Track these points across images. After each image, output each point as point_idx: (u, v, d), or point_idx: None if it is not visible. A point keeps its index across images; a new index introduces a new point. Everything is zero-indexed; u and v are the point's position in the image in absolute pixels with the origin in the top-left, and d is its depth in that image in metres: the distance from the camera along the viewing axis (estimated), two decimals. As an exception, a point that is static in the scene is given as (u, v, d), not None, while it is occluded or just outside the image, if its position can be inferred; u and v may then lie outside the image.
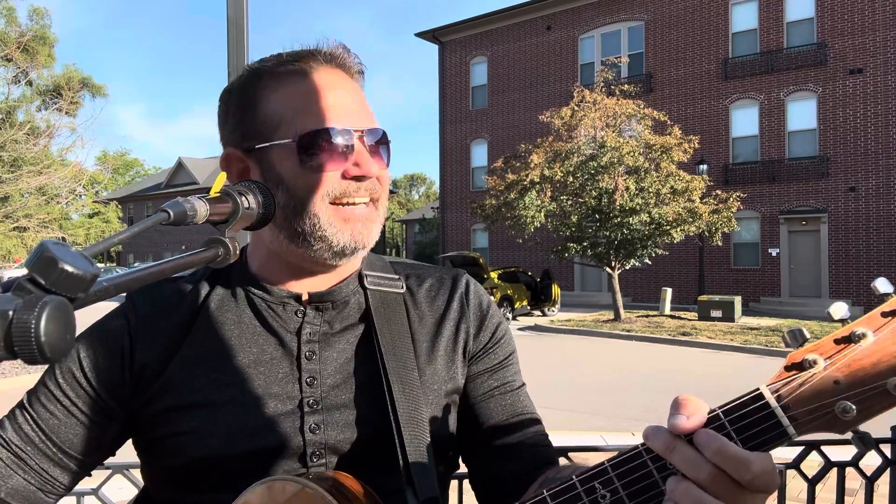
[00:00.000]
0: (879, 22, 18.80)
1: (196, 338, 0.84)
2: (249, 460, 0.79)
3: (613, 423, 7.04)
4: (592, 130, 15.96)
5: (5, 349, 0.41)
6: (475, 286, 0.98)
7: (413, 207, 62.54)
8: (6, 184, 24.39)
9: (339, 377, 0.85)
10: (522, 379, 0.98)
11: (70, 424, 0.80)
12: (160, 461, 0.82)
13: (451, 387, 0.90)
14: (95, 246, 0.51)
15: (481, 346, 0.94)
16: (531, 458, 0.90)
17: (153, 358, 0.83)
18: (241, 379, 0.82)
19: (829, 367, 0.59)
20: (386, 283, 0.92)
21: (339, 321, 0.88)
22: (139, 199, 47.49)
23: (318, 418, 0.82)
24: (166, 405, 0.81)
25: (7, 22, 25.22)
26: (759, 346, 12.29)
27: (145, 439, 0.84)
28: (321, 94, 0.83)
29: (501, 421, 0.91)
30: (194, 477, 0.80)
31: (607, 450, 1.69)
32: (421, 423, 0.83)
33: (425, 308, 0.93)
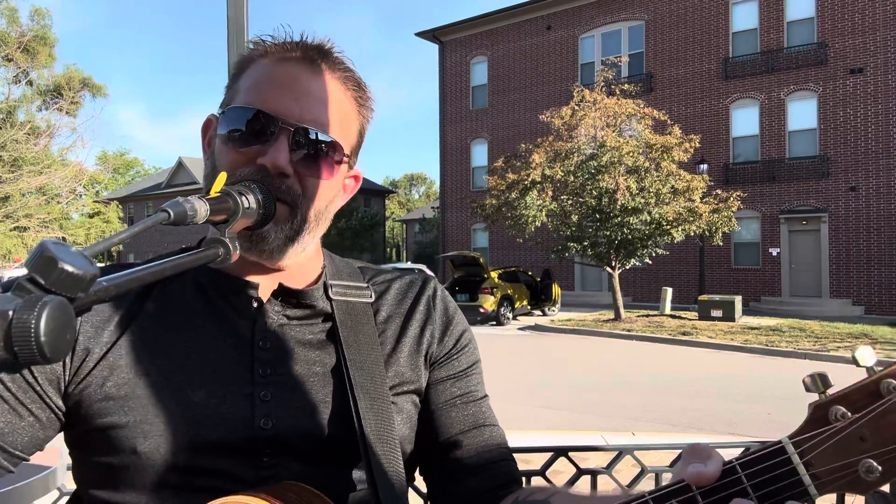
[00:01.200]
0: (880, 21, 18.79)
1: (143, 323, 0.80)
2: (195, 454, 0.74)
3: (614, 422, 7.04)
4: (593, 130, 15.95)
5: (5, 349, 0.41)
6: (443, 292, 0.96)
7: (413, 207, 62.55)
8: (7, 183, 24.40)
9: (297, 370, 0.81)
10: (485, 391, 0.95)
11: (2, 411, 0.72)
12: (96, 457, 0.76)
13: (415, 388, 0.87)
14: (95, 246, 0.51)
15: (445, 352, 0.91)
16: (495, 473, 0.87)
17: (96, 342, 0.77)
18: (190, 367, 0.77)
19: (857, 421, 0.55)
20: (353, 293, 0.89)
21: (300, 319, 0.84)
22: (139, 199, 47.48)
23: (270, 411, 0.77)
24: (107, 394, 0.75)
25: (8, 22, 25.23)
26: (760, 345, 12.28)
27: (81, 431, 0.77)
28: (276, 79, 0.80)
29: (463, 431, 0.88)
30: (133, 474, 0.74)
31: (607, 449, 1.69)
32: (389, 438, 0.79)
33: (392, 310, 0.91)
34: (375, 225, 41.80)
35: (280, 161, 0.76)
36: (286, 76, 0.80)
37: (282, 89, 0.79)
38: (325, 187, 0.82)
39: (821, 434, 0.56)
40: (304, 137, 0.78)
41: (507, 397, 8.12)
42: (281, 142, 0.77)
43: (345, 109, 0.84)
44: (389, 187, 62.32)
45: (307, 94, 0.80)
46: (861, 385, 0.56)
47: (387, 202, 54.37)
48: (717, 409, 7.62)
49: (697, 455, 0.57)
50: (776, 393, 8.45)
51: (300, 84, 0.80)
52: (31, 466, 1.71)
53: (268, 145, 0.77)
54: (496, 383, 8.78)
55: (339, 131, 0.82)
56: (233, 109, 0.80)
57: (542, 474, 1.60)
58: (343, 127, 0.83)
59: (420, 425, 0.89)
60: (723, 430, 6.64)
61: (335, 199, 0.87)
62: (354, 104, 0.86)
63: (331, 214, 0.87)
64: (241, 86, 0.82)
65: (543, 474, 1.60)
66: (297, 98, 0.79)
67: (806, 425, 0.57)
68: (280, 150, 0.76)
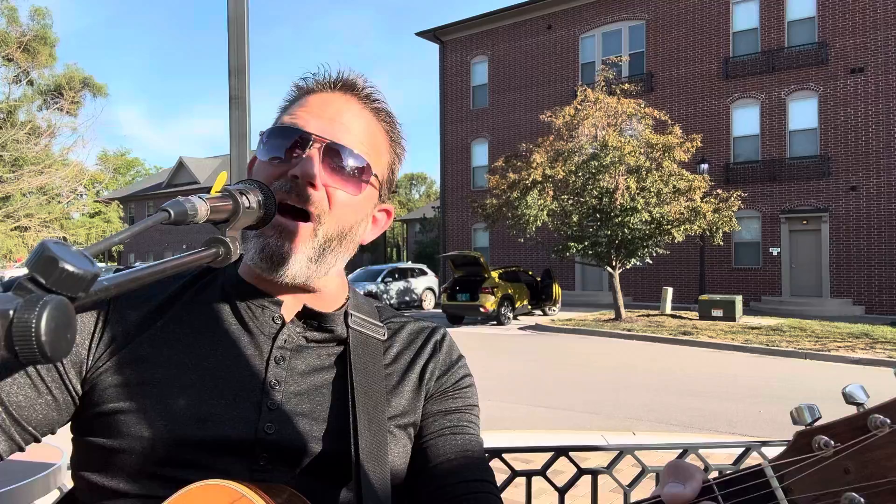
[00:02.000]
0: (881, 21, 18.78)
1: (171, 321, 0.84)
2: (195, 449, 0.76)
3: (614, 422, 7.04)
4: (594, 130, 15.95)
5: (6, 349, 0.41)
6: (450, 340, 1.00)
7: (414, 207, 62.56)
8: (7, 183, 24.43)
9: (304, 386, 0.84)
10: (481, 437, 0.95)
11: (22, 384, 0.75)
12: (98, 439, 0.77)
13: (412, 420, 0.90)
14: (96, 245, 0.51)
15: (442, 389, 0.94)
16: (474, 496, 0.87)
17: (123, 331, 0.81)
18: (207, 366, 0.81)
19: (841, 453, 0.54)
20: (369, 328, 0.92)
21: (318, 342, 0.88)
22: (140, 199, 47.51)
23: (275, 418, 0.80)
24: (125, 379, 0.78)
25: (8, 22, 25.25)
26: (760, 345, 12.28)
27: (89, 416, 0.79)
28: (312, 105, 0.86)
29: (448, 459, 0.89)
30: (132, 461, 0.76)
31: (608, 449, 1.69)
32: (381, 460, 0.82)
33: (402, 347, 0.95)
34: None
35: (310, 170, 0.80)
36: (321, 102, 0.86)
37: (317, 112, 0.85)
38: (352, 205, 0.85)
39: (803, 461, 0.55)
40: (334, 152, 0.83)
41: (507, 397, 8.12)
42: (313, 153, 0.81)
43: (376, 139, 0.89)
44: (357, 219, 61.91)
45: (340, 117, 0.85)
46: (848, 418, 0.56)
47: (387, 202, 54.25)
48: (717, 408, 7.62)
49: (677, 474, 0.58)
50: (777, 393, 8.45)
51: (334, 108, 0.86)
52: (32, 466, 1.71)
53: (300, 158, 0.81)
54: (497, 383, 8.77)
55: (370, 157, 0.86)
56: (271, 130, 0.85)
57: (543, 474, 1.60)
58: (373, 154, 0.87)
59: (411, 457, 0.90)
60: (723, 429, 6.64)
61: (361, 223, 0.89)
62: (386, 137, 0.91)
63: (357, 240, 0.90)
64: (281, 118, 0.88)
65: (544, 474, 1.60)
66: (331, 120, 0.84)
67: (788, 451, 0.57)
68: (311, 161, 0.81)
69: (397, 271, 23.33)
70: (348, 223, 0.86)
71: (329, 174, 0.82)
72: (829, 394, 8.00)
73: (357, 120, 0.86)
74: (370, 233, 0.93)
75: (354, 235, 0.88)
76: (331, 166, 0.82)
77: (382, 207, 0.94)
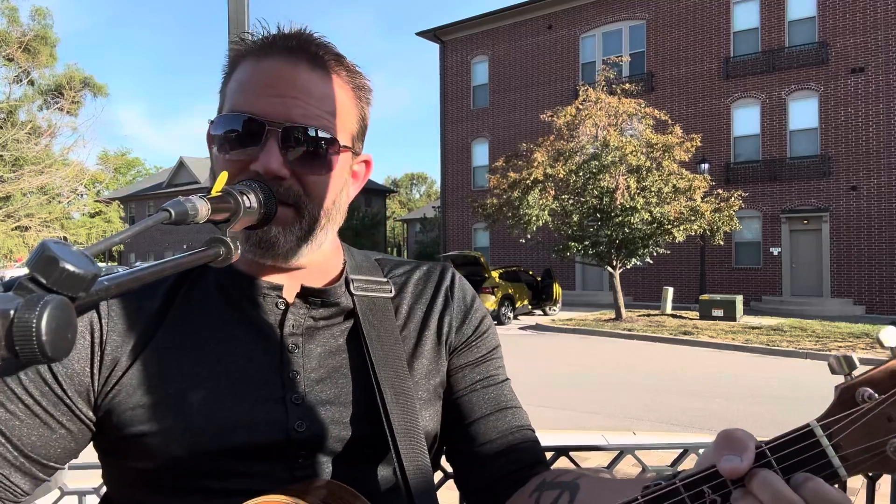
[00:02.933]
0: (881, 21, 18.77)
1: (169, 329, 0.79)
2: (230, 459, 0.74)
3: (614, 422, 7.04)
4: (595, 129, 15.95)
5: (6, 348, 0.41)
6: (460, 280, 0.96)
7: (414, 207, 62.53)
8: (8, 183, 24.43)
9: (324, 371, 0.81)
10: (507, 374, 0.95)
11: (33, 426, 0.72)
12: (130, 463, 0.76)
13: (438, 380, 0.88)
14: (97, 245, 0.51)
15: (464, 339, 0.91)
16: (521, 455, 0.87)
17: (123, 352, 0.77)
18: (220, 372, 0.77)
19: (884, 402, 0.55)
20: (374, 288, 0.88)
21: (325, 319, 0.84)
22: (141, 199, 47.49)
23: (303, 413, 0.77)
24: (138, 402, 0.74)
25: (9, 22, 25.26)
26: (761, 345, 12.28)
27: (113, 439, 0.76)
28: (258, 79, 0.77)
29: (486, 414, 0.88)
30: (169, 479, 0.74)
31: (608, 449, 1.69)
32: (415, 433, 0.80)
33: (413, 303, 0.91)
34: (376, 224, 41.81)
35: (272, 165, 0.74)
36: (268, 74, 0.77)
37: (265, 88, 0.76)
38: (328, 182, 0.79)
39: (848, 416, 0.56)
40: (294, 136, 0.75)
41: (507, 397, 8.12)
42: (271, 144, 0.74)
43: (337, 97, 0.80)
44: (391, 187, 62.33)
45: (292, 89, 0.76)
46: (886, 366, 0.57)
47: (387, 202, 54.37)
48: (717, 408, 7.62)
49: (732, 446, 0.56)
50: (777, 392, 8.44)
51: (283, 80, 0.76)
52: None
53: (258, 150, 0.74)
54: (497, 383, 8.76)
55: (333, 122, 0.79)
56: (220, 118, 0.78)
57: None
58: (339, 116, 0.80)
59: (444, 413, 0.89)
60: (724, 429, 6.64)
61: (343, 190, 0.84)
62: (347, 89, 0.82)
63: (344, 206, 0.85)
64: (228, 90, 0.80)
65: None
66: (282, 95, 0.75)
67: (833, 408, 0.58)
68: (271, 153, 0.74)
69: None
70: (330, 199, 0.80)
71: (295, 160, 0.75)
72: (829, 394, 8.02)
73: (312, 86, 0.77)
74: (354, 189, 0.88)
75: (341, 205, 0.84)
76: (294, 151, 0.75)
77: (360, 160, 0.88)
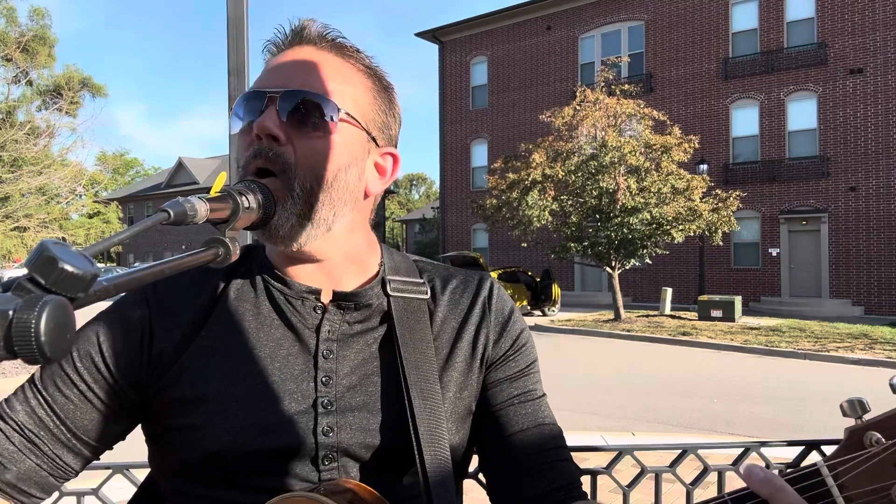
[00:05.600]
0: (880, 21, 18.80)
1: (213, 327, 0.82)
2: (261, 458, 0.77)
3: (613, 422, 7.04)
4: (594, 130, 15.96)
5: (5, 349, 0.41)
6: (499, 291, 0.94)
7: (413, 207, 62.55)
8: (6, 184, 24.42)
9: (356, 378, 0.83)
10: (543, 389, 0.94)
11: (86, 410, 0.78)
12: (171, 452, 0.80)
13: (468, 393, 0.87)
14: (95, 246, 0.51)
15: (501, 354, 0.90)
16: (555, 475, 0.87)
17: (171, 345, 0.81)
18: (257, 373, 0.80)
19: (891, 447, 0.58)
20: (410, 289, 0.89)
21: (360, 322, 0.85)
22: (139, 199, 47.48)
23: (332, 420, 0.80)
24: (180, 395, 0.79)
25: (7, 22, 25.24)
26: (760, 345, 12.29)
27: (157, 428, 0.81)
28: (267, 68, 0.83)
29: (523, 429, 0.88)
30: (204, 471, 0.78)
31: (607, 449, 1.69)
32: (441, 440, 0.81)
33: (448, 312, 0.90)
34: (376, 225, 41.10)
35: (267, 122, 0.76)
36: (276, 62, 0.83)
37: (272, 71, 0.82)
38: (324, 151, 0.78)
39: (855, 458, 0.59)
40: (289, 100, 0.78)
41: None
42: (269, 109, 0.78)
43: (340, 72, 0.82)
44: (391, 187, 62.12)
45: (292, 64, 0.81)
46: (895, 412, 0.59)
47: (387, 202, 54.39)
48: (716, 409, 7.62)
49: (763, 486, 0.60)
50: (776, 393, 8.45)
51: (289, 60, 0.82)
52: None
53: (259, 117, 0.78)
54: (496, 383, 8.75)
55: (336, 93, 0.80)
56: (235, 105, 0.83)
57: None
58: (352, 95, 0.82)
59: (479, 426, 0.89)
60: (722, 430, 6.64)
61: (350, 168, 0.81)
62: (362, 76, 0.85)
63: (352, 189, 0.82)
64: None
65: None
66: (282, 71, 0.81)
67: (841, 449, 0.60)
68: (268, 115, 0.77)
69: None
70: (330, 171, 0.79)
71: (290, 123, 0.77)
72: (828, 394, 8.00)
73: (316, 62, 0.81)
74: (377, 182, 0.86)
75: (346, 182, 0.81)
76: (289, 114, 0.77)
77: (384, 152, 0.86)
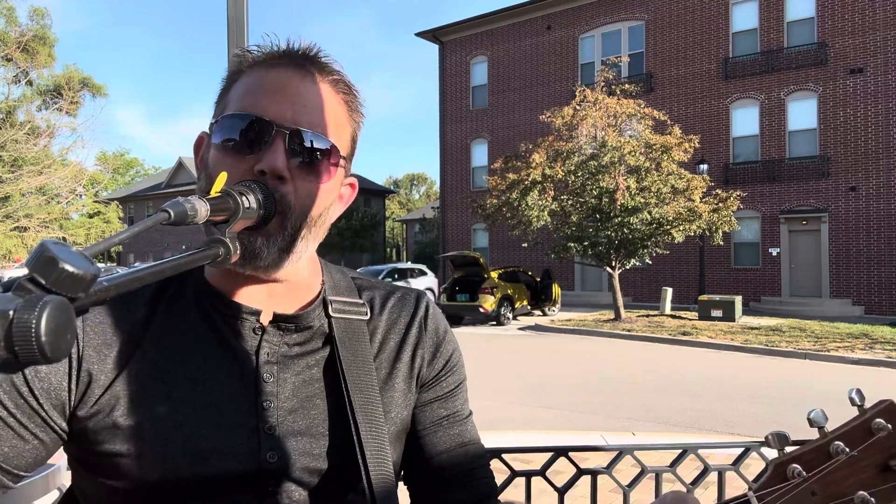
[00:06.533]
0: (880, 21, 18.79)
1: (148, 350, 0.78)
2: (201, 486, 0.75)
3: (613, 422, 7.04)
4: (593, 130, 15.96)
5: (6, 349, 0.41)
6: (434, 310, 0.97)
7: (413, 207, 62.58)
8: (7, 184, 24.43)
9: (297, 401, 0.81)
10: (470, 408, 0.98)
11: (6, 437, 0.72)
12: (101, 479, 0.76)
13: (406, 414, 0.90)
14: (96, 246, 0.51)
15: (434, 374, 0.93)
16: (477, 488, 0.93)
17: (101, 368, 0.76)
18: (196, 397, 0.77)
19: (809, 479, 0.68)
20: (351, 310, 0.89)
21: (300, 345, 0.84)
22: (140, 199, 47.48)
23: (275, 444, 0.78)
24: (113, 422, 0.75)
25: (7, 22, 25.26)
26: (760, 345, 12.28)
27: (86, 454, 0.77)
28: (267, 85, 0.79)
29: (448, 449, 0.92)
30: (139, 500, 0.75)
31: (607, 449, 1.69)
32: (386, 461, 0.82)
33: (387, 331, 0.92)
34: (375, 225, 41.80)
35: (278, 164, 0.74)
36: (277, 81, 0.79)
37: (274, 94, 0.78)
38: (323, 193, 0.80)
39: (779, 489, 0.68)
40: (300, 141, 0.77)
41: (507, 397, 8.12)
42: (277, 145, 0.75)
43: (337, 114, 0.82)
44: (391, 187, 62.36)
45: (300, 97, 0.78)
46: (815, 447, 0.69)
47: (387, 202, 54.38)
48: (717, 409, 7.62)
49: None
50: (776, 393, 8.45)
51: (292, 88, 0.78)
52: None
53: (264, 151, 0.75)
54: (497, 383, 8.74)
55: (334, 136, 0.80)
56: (227, 118, 0.78)
57: (542, 474, 1.60)
58: (337, 131, 0.82)
59: (408, 445, 0.92)
60: (722, 429, 6.64)
61: (332, 206, 0.84)
62: (345, 108, 0.84)
63: (327, 224, 0.85)
64: (231, 97, 0.81)
65: (543, 474, 1.60)
66: (292, 102, 0.78)
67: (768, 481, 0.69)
68: (277, 153, 0.75)
69: (397, 272, 23.31)
70: (317, 211, 0.80)
71: (296, 165, 0.77)
72: (828, 394, 7.99)
73: (317, 98, 0.80)
74: (337, 210, 0.88)
75: (324, 220, 0.84)
76: (297, 156, 0.77)
77: (347, 182, 0.88)
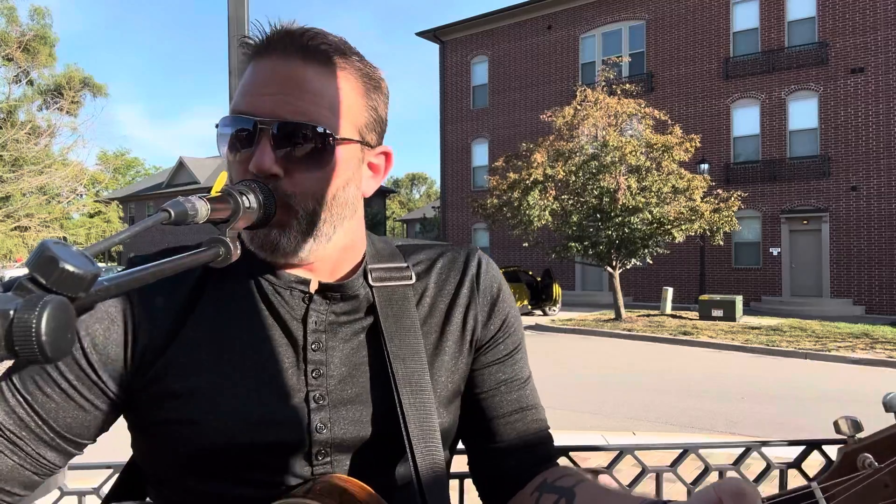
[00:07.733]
0: (881, 21, 18.78)
1: (199, 319, 0.80)
2: (254, 453, 0.77)
3: (614, 422, 7.04)
4: (594, 129, 15.96)
5: (6, 349, 0.41)
6: (486, 266, 0.92)
7: (414, 207, 62.58)
8: (7, 183, 24.45)
9: (345, 370, 0.82)
10: (529, 369, 0.96)
11: (68, 408, 0.76)
12: (160, 445, 0.79)
13: (458, 377, 0.88)
14: (96, 245, 0.51)
15: (490, 336, 0.90)
16: (534, 453, 0.91)
17: (155, 339, 0.78)
18: (246, 365, 0.79)
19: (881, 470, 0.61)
20: (393, 277, 0.87)
21: (347, 314, 0.84)
22: (140, 199, 47.47)
23: (325, 415, 0.79)
24: (167, 390, 0.77)
25: (8, 21, 25.28)
26: (761, 345, 12.28)
27: (144, 421, 0.80)
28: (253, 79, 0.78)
29: (507, 414, 0.91)
30: (195, 464, 0.77)
31: (608, 449, 1.69)
32: (432, 433, 0.81)
33: (436, 295, 0.89)
34: (376, 225, 41.87)
35: (265, 164, 0.74)
36: (262, 73, 0.78)
37: (258, 87, 0.77)
38: (324, 178, 0.78)
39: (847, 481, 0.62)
40: (285, 133, 0.75)
41: (507, 397, 8.11)
42: (263, 143, 0.74)
43: (338, 88, 0.79)
44: (392, 187, 62.36)
45: (284, 86, 0.76)
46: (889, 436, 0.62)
47: (387, 202, 54.39)
48: (717, 409, 7.62)
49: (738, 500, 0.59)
50: (776, 392, 8.45)
51: (276, 77, 0.77)
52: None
53: (254, 149, 0.75)
54: (497, 383, 8.77)
55: (331, 115, 0.78)
56: (222, 121, 0.79)
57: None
58: (341, 108, 0.79)
59: (464, 407, 0.90)
60: (723, 429, 6.64)
61: (349, 184, 0.81)
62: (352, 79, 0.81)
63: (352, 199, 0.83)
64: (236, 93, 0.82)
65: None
66: (273, 93, 0.76)
67: (835, 471, 0.63)
68: (263, 151, 0.74)
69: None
70: (329, 192, 0.79)
71: (288, 158, 0.75)
72: (828, 394, 7.99)
73: (305, 81, 0.77)
74: (370, 182, 0.86)
75: (345, 198, 0.81)
76: (287, 148, 0.75)
77: (378, 152, 0.86)
